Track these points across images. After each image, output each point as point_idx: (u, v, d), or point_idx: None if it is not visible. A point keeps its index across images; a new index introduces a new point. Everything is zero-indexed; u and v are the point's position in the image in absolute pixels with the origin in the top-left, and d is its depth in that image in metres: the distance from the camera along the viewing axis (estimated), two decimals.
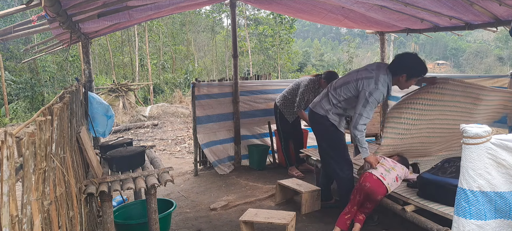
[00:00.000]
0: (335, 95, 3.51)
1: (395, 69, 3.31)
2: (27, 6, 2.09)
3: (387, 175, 3.19)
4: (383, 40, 6.07)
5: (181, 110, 12.48)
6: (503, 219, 1.88)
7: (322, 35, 69.01)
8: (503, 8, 3.49)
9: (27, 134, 1.31)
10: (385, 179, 3.15)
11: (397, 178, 3.23)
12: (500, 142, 1.83)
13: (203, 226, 3.75)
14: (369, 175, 3.19)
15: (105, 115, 4.07)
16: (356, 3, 3.90)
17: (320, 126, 3.64)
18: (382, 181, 3.14)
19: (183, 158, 7.06)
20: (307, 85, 5.01)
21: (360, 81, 3.33)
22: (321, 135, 3.71)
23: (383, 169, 3.23)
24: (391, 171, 3.23)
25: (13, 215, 1.12)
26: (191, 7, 6.20)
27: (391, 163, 3.33)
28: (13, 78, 15.33)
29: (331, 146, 3.65)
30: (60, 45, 4.12)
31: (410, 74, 3.28)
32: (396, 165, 3.31)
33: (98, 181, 2.85)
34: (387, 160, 3.35)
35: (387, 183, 3.14)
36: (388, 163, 3.31)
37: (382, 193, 3.14)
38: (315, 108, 3.66)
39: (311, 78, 5.09)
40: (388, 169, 3.23)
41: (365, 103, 3.23)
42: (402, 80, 3.32)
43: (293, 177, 4.67)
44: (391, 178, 3.19)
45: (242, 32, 22.90)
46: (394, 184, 3.21)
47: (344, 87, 3.46)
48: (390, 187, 3.16)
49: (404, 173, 3.33)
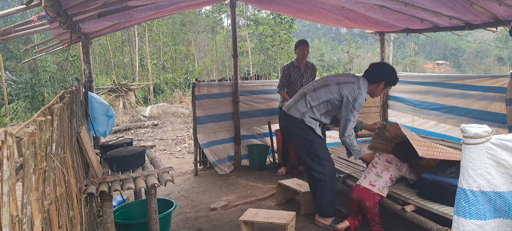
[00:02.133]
0: (313, 97, 3.41)
1: (373, 77, 3.40)
2: (27, 6, 2.09)
3: (377, 180, 3.19)
4: (383, 40, 6.07)
5: (181, 110, 12.48)
6: (503, 219, 1.88)
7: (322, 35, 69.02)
8: (503, 8, 3.49)
9: (27, 134, 1.31)
10: (375, 186, 3.17)
11: (391, 178, 3.22)
12: (500, 142, 1.83)
13: (203, 226, 3.75)
14: (356, 186, 3.27)
15: (106, 115, 4.07)
16: (356, 3, 3.91)
17: (297, 130, 3.46)
18: (371, 189, 3.17)
19: (183, 158, 7.06)
20: (284, 66, 5.22)
21: (342, 86, 3.35)
22: (297, 141, 3.53)
23: (373, 174, 3.24)
24: (384, 174, 3.22)
25: (13, 215, 1.13)
26: (191, 7, 6.20)
27: (385, 163, 3.30)
28: (14, 78, 15.34)
29: (309, 150, 3.48)
30: (60, 45, 4.12)
31: (388, 83, 3.44)
32: (390, 165, 3.28)
33: (98, 181, 2.85)
34: (380, 161, 3.32)
35: (378, 189, 3.17)
36: (381, 165, 3.28)
37: (372, 200, 3.16)
38: (290, 111, 3.48)
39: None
40: (379, 173, 3.23)
41: (352, 109, 3.29)
42: (379, 88, 3.44)
43: (294, 178, 4.67)
44: (382, 182, 3.19)
45: (242, 32, 22.90)
46: (387, 186, 3.22)
47: (325, 89, 3.40)
48: (382, 191, 3.18)
49: (401, 169, 3.28)
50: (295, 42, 5.26)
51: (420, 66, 39.11)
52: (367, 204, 3.17)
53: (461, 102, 4.87)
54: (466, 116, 4.76)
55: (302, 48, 5.09)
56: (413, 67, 32.80)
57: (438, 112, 5.21)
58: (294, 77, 5.11)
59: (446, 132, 5.09)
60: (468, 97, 4.77)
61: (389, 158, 3.34)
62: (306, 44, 5.12)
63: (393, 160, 3.33)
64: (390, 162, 3.30)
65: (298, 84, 5.11)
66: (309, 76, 5.19)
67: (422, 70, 37.14)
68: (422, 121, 5.54)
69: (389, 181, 3.22)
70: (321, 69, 27.74)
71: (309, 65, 5.22)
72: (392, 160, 3.32)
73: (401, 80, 6.13)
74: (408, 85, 5.72)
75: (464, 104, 4.81)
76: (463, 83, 4.86)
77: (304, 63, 5.16)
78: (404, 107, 5.89)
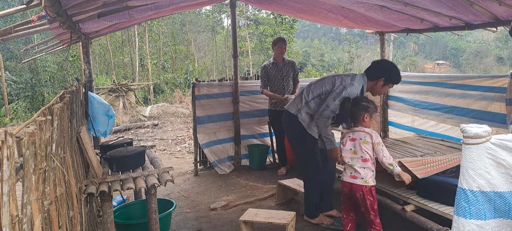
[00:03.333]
0: (309, 91, 3.47)
1: (373, 73, 3.36)
2: (27, 6, 2.09)
3: (356, 170, 2.91)
4: (383, 40, 6.07)
5: (181, 110, 12.48)
6: (503, 219, 1.88)
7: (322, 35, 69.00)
8: (503, 8, 3.49)
9: (27, 134, 1.31)
10: (357, 178, 2.90)
11: (365, 160, 2.88)
12: (500, 142, 1.83)
13: (203, 226, 3.75)
14: (343, 182, 3.03)
15: (107, 115, 4.08)
16: (356, 3, 3.91)
17: (291, 125, 3.55)
18: (353, 181, 2.91)
19: (183, 158, 7.06)
20: (262, 66, 5.37)
21: (337, 77, 3.39)
22: (290, 135, 3.70)
23: (349, 166, 2.97)
24: (355, 160, 2.92)
25: (13, 215, 1.13)
26: (191, 7, 6.20)
27: (349, 146, 2.97)
28: (14, 78, 15.34)
29: (298, 146, 3.58)
30: (60, 45, 4.12)
31: (387, 80, 3.33)
32: (353, 143, 2.96)
33: (98, 181, 2.85)
34: (346, 148, 2.98)
35: (361, 179, 2.88)
36: (347, 152, 2.96)
37: (360, 190, 2.88)
38: (289, 107, 3.60)
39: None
40: (350, 162, 2.94)
41: (336, 97, 3.19)
42: (379, 85, 3.35)
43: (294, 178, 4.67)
44: (359, 169, 2.90)
45: (242, 32, 22.89)
46: (371, 171, 2.91)
47: (320, 83, 3.46)
48: (367, 181, 2.88)
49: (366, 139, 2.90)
50: (274, 40, 5.39)
51: (420, 66, 39.10)
52: (358, 195, 2.90)
53: (461, 102, 4.87)
54: (466, 116, 4.76)
55: (280, 46, 5.23)
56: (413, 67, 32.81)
57: (438, 112, 5.21)
58: (273, 74, 5.23)
59: (446, 132, 5.09)
60: (468, 97, 4.77)
61: (348, 142, 2.99)
62: (284, 42, 5.28)
63: (351, 136, 2.98)
64: (353, 139, 2.96)
65: (278, 79, 5.23)
66: (289, 70, 5.28)
67: (422, 70, 37.13)
68: (422, 120, 5.54)
69: (365, 163, 2.89)
70: (321, 69, 27.72)
71: (287, 61, 5.30)
72: (352, 137, 2.97)
73: (401, 80, 6.15)
74: (408, 85, 5.72)
75: (464, 104, 4.81)
76: (463, 83, 4.86)
77: (282, 59, 5.27)
78: (404, 107, 5.89)
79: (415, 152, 3.98)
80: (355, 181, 2.91)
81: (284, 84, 5.24)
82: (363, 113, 2.94)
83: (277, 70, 5.23)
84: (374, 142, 2.88)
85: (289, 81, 5.29)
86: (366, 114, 2.94)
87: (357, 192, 2.89)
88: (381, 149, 2.87)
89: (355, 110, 2.98)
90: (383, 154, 2.86)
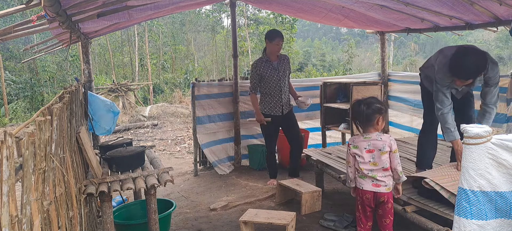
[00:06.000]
0: None
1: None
2: (26, 6, 2.08)
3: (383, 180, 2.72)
4: (383, 40, 6.07)
5: (181, 110, 12.47)
6: (504, 219, 1.88)
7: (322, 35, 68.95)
8: (504, 8, 3.49)
9: (26, 134, 1.30)
10: (380, 186, 2.70)
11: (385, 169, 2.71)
12: (500, 142, 1.83)
13: (203, 226, 3.74)
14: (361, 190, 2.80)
15: (112, 112, 4.13)
16: (356, 2, 3.90)
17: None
18: (377, 190, 2.71)
19: (183, 158, 7.05)
20: (253, 64, 4.67)
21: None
22: None
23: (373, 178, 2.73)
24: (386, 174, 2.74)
25: (13, 215, 1.12)
26: (191, 7, 6.20)
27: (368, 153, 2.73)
28: (13, 78, 15.32)
29: None
30: (59, 45, 4.11)
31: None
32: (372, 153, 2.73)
33: (98, 181, 2.84)
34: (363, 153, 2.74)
35: (386, 185, 2.71)
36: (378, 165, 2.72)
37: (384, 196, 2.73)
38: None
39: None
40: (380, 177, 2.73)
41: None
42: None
43: (294, 178, 4.66)
44: (388, 180, 2.74)
45: (242, 32, 22.88)
46: (392, 179, 2.75)
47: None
48: (391, 186, 2.74)
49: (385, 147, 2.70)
50: (269, 34, 4.54)
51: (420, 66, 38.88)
52: (382, 199, 2.70)
53: None
54: None
55: (278, 42, 4.48)
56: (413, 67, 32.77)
57: None
58: (267, 74, 4.55)
59: None
60: None
61: (366, 145, 2.75)
62: (282, 37, 4.53)
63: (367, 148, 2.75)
64: (371, 151, 2.72)
65: (274, 80, 4.56)
66: (285, 68, 4.65)
67: None
68: (421, 121, 5.53)
69: (386, 172, 2.72)
70: (322, 70, 27.71)
71: (282, 57, 4.65)
72: (372, 144, 2.73)
73: (401, 80, 6.17)
74: (408, 85, 5.72)
75: None
76: None
77: (276, 56, 4.58)
78: (404, 107, 5.89)
79: (415, 152, 3.97)
80: (379, 189, 2.72)
81: (281, 85, 4.58)
82: (378, 116, 2.74)
83: (272, 69, 4.56)
84: (392, 149, 2.72)
85: (286, 81, 4.68)
86: (380, 116, 2.75)
87: (382, 197, 2.73)
88: (397, 156, 2.75)
89: (370, 113, 2.74)
90: (397, 161, 2.74)
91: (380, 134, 2.78)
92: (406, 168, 3.77)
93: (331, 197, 4.36)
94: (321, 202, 3.98)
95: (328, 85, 5.50)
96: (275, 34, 4.53)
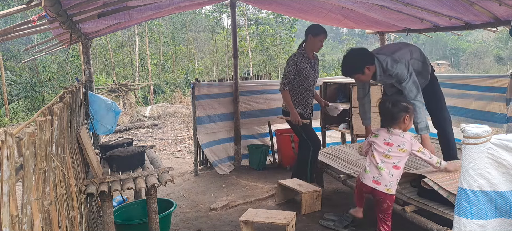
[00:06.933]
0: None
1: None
2: (27, 6, 2.09)
3: (385, 177, 2.74)
4: (383, 40, 6.06)
5: (181, 110, 12.47)
6: (504, 218, 1.88)
7: None
8: (503, 8, 3.49)
9: (27, 134, 1.31)
10: (380, 184, 2.73)
11: (396, 167, 2.72)
12: (500, 141, 1.83)
13: (203, 226, 3.75)
14: (361, 183, 2.85)
15: (113, 111, 4.15)
16: (356, 3, 3.90)
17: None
18: (376, 187, 2.73)
19: (183, 158, 7.06)
20: (293, 57, 4.15)
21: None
22: None
23: (374, 166, 2.78)
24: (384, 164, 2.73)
25: (13, 215, 1.12)
26: (191, 7, 6.20)
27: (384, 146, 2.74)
28: (14, 78, 15.33)
29: None
30: (60, 45, 4.12)
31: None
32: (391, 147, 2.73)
33: (98, 181, 2.85)
34: (378, 145, 2.76)
35: (386, 185, 2.72)
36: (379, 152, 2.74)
37: (381, 195, 2.76)
38: None
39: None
40: (379, 164, 2.74)
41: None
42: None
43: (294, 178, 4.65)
44: (391, 180, 2.72)
45: (242, 32, 22.89)
46: (396, 181, 2.75)
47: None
48: (391, 188, 2.74)
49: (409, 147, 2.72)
50: (314, 28, 4.12)
51: None
52: (378, 198, 2.75)
53: (459, 102, 4.87)
54: (464, 116, 4.76)
55: (322, 38, 4.09)
56: None
57: None
58: (306, 71, 4.14)
59: None
60: (467, 97, 4.77)
61: (387, 137, 2.76)
62: (326, 35, 4.12)
63: (387, 140, 2.73)
64: (390, 144, 2.72)
65: (311, 79, 4.20)
66: (318, 68, 4.37)
67: None
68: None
69: (395, 170, 2.70)
70: (322, 70, 27.75)
71: (316, 57, 4.34)
72: (393, 139, 2.72)
73: None
74: None
75: (463, 104, 4.82)
76: (463, 83, 4.86)
77: (314, 55, 4.26)
78: None
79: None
80: (378, 187, 2.71)
81: (314, 86, 4.27)
82: (404, 114, 2.74)
83: (310, 67, 4.16)
84: (413, 150, 2.73)
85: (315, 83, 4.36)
86: (407, 115, 2.75)
87: (378, 196, 2.77)
88: (423, 153, 2.76)
89: (396, 111, 2.74)
90: (427, 156, 2.76)
91: (404, 132, 2.81)
92: (406, 168, 3.76)
93: (331, 197, 4.36)
94: (321, 202, 3.98)
95: (328, 86, 5.49)
96: (320, 30, 4.11)
